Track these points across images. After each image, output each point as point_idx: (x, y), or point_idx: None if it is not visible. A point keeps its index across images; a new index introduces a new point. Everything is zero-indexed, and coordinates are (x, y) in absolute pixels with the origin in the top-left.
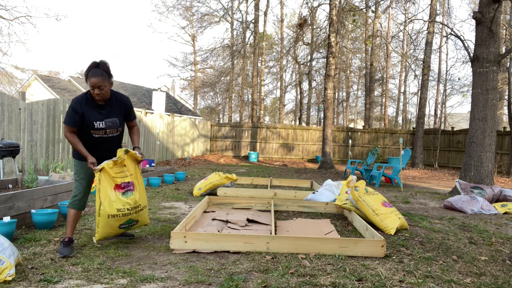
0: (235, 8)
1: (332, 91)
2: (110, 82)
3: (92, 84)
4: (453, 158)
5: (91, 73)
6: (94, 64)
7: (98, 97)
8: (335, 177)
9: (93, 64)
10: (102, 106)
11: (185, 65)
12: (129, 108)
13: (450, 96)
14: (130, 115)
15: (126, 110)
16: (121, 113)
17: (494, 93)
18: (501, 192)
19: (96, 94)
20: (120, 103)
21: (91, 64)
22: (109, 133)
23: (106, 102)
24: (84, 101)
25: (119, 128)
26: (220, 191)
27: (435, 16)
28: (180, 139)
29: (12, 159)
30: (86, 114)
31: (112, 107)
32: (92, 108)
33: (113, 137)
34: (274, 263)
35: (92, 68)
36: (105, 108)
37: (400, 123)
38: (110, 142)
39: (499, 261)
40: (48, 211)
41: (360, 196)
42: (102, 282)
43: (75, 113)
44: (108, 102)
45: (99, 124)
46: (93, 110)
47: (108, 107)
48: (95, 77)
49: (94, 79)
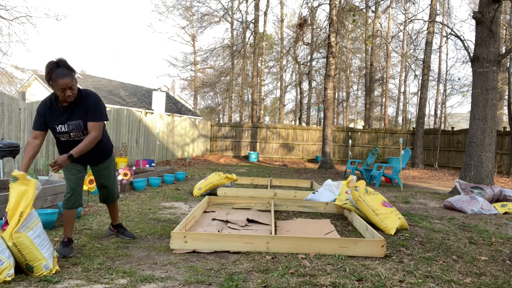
0: (235, 8)
1: (332, 91)
2: (76, 81)
3: (62, 86)
4: (453, 158)
5: (56, 75)
6: (54, 64)
7: (70, 99)
8: (335, 177)
9: (51, 64)
10: (65, 108)
11: (185, 65)
12: (90, 106)
13: (450, 96)
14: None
15: (88, 108)
16: (84, 113)
17: (494, 93)
18: (501, 192)
19: (67, 96)
20: (84, 103)
21: (49, 65)
22: (75, 136)
23: (70, 104)
24: (48, 103)
25: (85, 131)
26: (220, 191)
27: (435, 16)
28: (180, 139)
29: (12, 159)
30: (49, 118)
31: (76, 108)
32: (54, 110)
33: (80, 140)
34: (274, 263)
35: (54, 69)
36: (68, 110)
37: (400, 123)
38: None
39: (499, 261)
40: (48, 211)
41: (360, 196)
42: (102, 282)
43: (39, 116)
44: (72, 103)
45: (61, 128)
46: (55, 112)
47: (72, 108)
48: (64, 78)
49: (62, 80)
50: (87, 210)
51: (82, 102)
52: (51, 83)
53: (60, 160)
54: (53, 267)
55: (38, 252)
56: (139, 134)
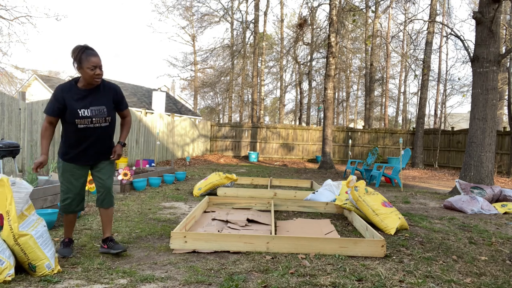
0: (235, 8)
1: (332, 91)
2: None
3: (94, 63)
4: (453, 158)
5: (88, 54)
6: (83, 46)
7: (98, 78)
8: (335, 177)
9: (80, 46)
10: (89, 92)
11: (185, 65)
12: (119, 96)
13: (450, 96)
14: (121, 104)
15: (117, 98)
16: (110, 101)
17: (494, 93)
18: (501, 192)
19: (97, 75)
20: (109, 90)
21: (78, 47)
22: (96, 122)
23: (93, 89)
24: (67, 87)
25: (108, 117)
26: (220, 191)
27: (435, 16)
28: (180, 139)
29: (12, 159)
30: (69, 101)
31: (100, 94)
32: (76, 94)
33: (101, 128)
34: (274, 263)
35: (84, 50)
36: (92, 95)
37: (400, 123)
38: (98, 134)
39: (499, 261)
40: (48, 211)
41: (360, 196)
42: (102, 282)
43: (55, 101)
44: (95, 89)
45: (84, 112)
46: (76, 96)
47: (95, 93)
48: (96, 56)
49: (95, 57)
50: (87, 210)
51: (105, 90)
52: (80, 63)
53: (120, 151)
54: (55, 267)
55: (40, 251)
56: (139, 134)
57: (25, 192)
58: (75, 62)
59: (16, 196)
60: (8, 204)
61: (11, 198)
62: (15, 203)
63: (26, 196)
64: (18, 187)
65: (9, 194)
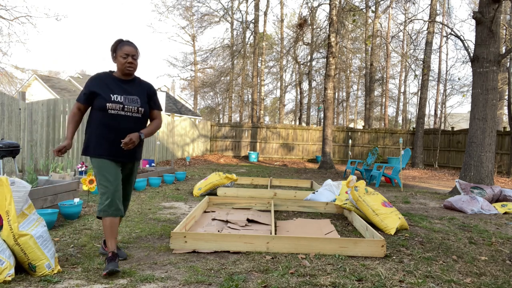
0: (235, 8)
1: (332, 91)
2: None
3: (126, 51)
4: (453, 158)
5: (123, 43)
6: (121, 39)
7: (130, 67)
8: (335, 177)
9: (118, 39)
10: (123, 82)
11: (185, 65)
12: (152, 93)
13: (450, 96)
14: (153, 102)
15: (150, 93)
16: (144, 95)
17: (494, 93)
18: (501, 192)
19: (129, 63)
20: (144, 85)
21: (116, 40)
22: (128, 110)
23: (128, 80)
24: (103, 74)
25: (140, 108)
26: (220, 191)
27: (435, 16)
28: (180, 139)
29: (12, 159)
30: (103, 87)
31: (135, 86)
32: (109, 82)
33: (133, 117)
34: (274, 263)
35: (120, 41)
36: (126, 85)
37: (400, 123)
38: (130, 125)
39: (499, 261)
40: (48, 211)
41: (360, 196)
42: (102, 282)
43: (88, 89)
44: (130, 81)
45: (117, 97)
46: (111, 84)
47: (130, 84)
48: (130, 45)
49: (128, 46)
50: (87, 210)
51: (140, 84)
52: (115, 52)
53: (134, 137)
54: (55, 267)
55: (40, 251)
56: None
57: (24, 191)
58: (112, 53)
59: (16, 195)
60: (8, 204)
61: (10, 198)
62: (15, 203)
63: (25, 195)
64: (17, 186)
65: (9, 194)
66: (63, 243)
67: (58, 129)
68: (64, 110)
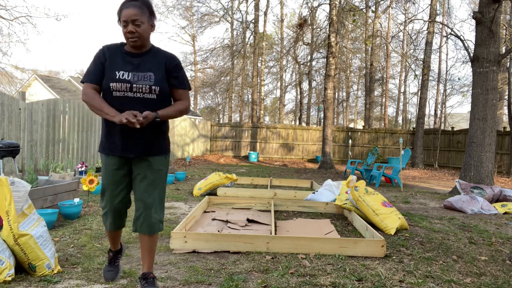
0: (235, 8)
1: (332, 91)
2: (150, 24)
3: (124, 18)
4: (453, 158)
5: (123, 5)
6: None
7: (132, 37)
8: (335, 177)
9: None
10: (134, 56)
11: (185, 65)
12: (173, 67)
13: (450, 96)
14: (175, 79)
15: (170, 67)
16: (162, 70)
17: (494, 93)
18: (501, 192)
19: (129, 32)
20: (161, 56)
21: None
22: (137, 90)
23: (143, 52)
24: (113, 46)
25: (154, 86)
26: (220, 191)
27: (435, 16)
28: (180, 139)
29: (12, 159)
30: (109, 62)
31: (149, 60)
32: (119, 57)
33: (145, 100)
34: (274, 263)
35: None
36: (138, 59)
37: (400, 123)
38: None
39: (499, 261)
40: (48, 211)
41: (360, 196)
42: (102, 282)
43: (95, 63)
44: (145, 53)
45: (123, 75)
46: (120, 59)
47: (143, 59)
48: (130, 7)
49: (127, 10)
50: (87, 210)
51: (157, 55)
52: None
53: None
54: (55, 267)
55: (40, 251)
56: None
57: (23, 191)
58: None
59: (15, 195)
60: (8, 204)
61: (10, 198)
62: (15, 202)
63: (25, 195)
64: (16, 186)
65: (8, 194)
66: (63, 243)
67: (58, 129)
68: (64, 110)
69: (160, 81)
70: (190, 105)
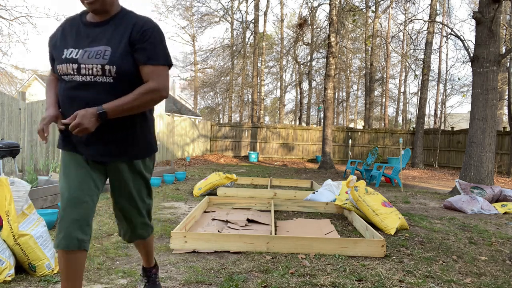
0: (235, 8)
1: (332, 91)
2: None
3: None
4: (453, 158)
5: None
6: None
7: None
8: (335, 177)
9: None
10: (97, 25)
11: (185, 65)
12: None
13: (450, 96)
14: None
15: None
16: (123, 42)
17: (494, 93)
18: (501, 192)
19: None
20: (129, 24)
21: None
22: (86, 72)
23: (106, 20)
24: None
25: (108, 66)
26: (220, 191)
27: (435, 16)
28: (180, 139)
29: (12, 159)
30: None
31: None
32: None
33: (96, 84)
34: (274, 263)
35: None
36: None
37: (400, 123)
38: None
39: (499, 261)
40: (48, 211)
41: (360, 196)
42: (102, 282)
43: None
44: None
45: (71, 53)
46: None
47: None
48: None
49: None
50: None
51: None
52: None
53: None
54: (55, 267)
55: (40, 251)
56: None
57: (23, 191)
58: None
59: (15, 195)
60: (8, 204)
61: (10, 198)
62: (15, 202)
63: (25, 194)
64: (16, 186)
65: (8, 194)
66: None
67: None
68: None
69: (119, 58)
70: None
